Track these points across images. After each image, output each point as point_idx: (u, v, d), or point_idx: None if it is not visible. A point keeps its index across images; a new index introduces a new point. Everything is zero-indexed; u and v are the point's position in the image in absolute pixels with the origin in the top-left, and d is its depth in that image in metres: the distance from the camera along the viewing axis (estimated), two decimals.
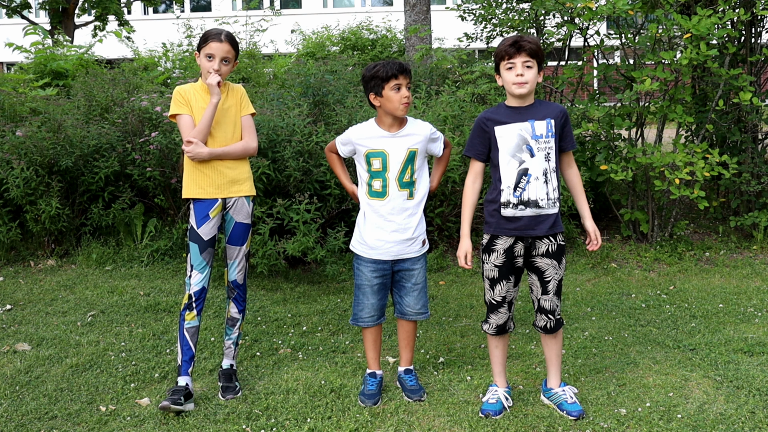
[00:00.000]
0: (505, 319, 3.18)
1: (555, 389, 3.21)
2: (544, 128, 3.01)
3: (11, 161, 5.51)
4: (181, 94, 3.32)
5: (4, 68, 21.14)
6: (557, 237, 3.09)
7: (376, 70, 3.14)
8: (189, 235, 3.32)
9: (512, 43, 2.97)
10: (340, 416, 3.16)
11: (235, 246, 3.40)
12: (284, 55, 12.28)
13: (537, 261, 3.09)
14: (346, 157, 3.37)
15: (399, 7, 21.34)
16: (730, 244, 5.79)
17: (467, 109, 5.70)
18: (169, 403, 3.12)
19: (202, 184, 3.29)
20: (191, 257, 3.31)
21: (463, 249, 3.13)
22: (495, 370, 3.27)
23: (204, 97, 3.32)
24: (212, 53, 3.26)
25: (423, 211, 3.29)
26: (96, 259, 5.64)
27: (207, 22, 12.01)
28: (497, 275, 3.11)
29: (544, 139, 3.00)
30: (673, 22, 5.07)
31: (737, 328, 4.09)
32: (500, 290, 3.13)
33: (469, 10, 8.13)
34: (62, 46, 9.06)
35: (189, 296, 3.32)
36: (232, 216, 3.37)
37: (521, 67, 2.97)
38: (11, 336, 4.20)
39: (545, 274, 3.10)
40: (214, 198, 3.31)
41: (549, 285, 3.11)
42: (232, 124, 3.37)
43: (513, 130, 3.01)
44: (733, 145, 6.08)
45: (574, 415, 3.07)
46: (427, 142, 3.26)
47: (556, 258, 3.09)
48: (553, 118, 3.02)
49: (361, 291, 3.31)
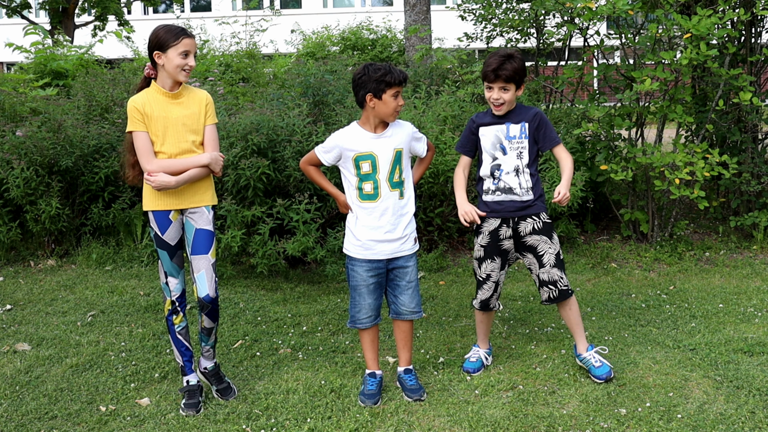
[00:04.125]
0: (488, 296, 3.54)
1: (583, 354, 3.49)
2: (518, 131, 3.42)
3: (11, 161, 5.51)
4: (137, 108, 3.12)
5: (4, 68, 21.14)
6: (540, 216, 3.44)
7: (382, 74, 3.11)
8: (156, 244, 3.25)
9: (493, 69, 3.29)
10: (340, 416, 3.16)
11: (200, 255, 3.22)
12: (284, 55, 12.28)
13: (527, 240, 3.44)
14: (330, 165, 3.30)
15: (399, 7, 21.34)
16: (730, 244, 5.79)
17: (467, 109, 5.70)
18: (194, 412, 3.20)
19: (160, 195, 3.19)
20: (163, 265, 3.27)
21: (462, 208, 3.41)
22: (479, 336, 3.71)
23: (162, 103, 3.15)
24: (188, 50, 3.12)
25: (413, 209, 3.33)
26: (96, 259, 5.64)
27: (207, 22, 12.02)
28: (483, 254, 3.50)
29: (517, 140, 3.41)
30: (673, 22, 5.07)
31: (737, 328, 4.09)
32: (485, 268, 3.50)
33: (469, 10, 8.12)
34: (62, 46, 9.06)
35: (171, 302, 3.29)
36: (191, 223, 3.24)
37: (498, 91, 3.34)
38: (11, 336, 4.20)
39: (538, 249, 3.43)
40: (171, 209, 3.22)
41: (544, 258, 3.42)
42: (192, 133, 3.20)
43: (491, 131, 3.44)
44: (733, 145, 6.08)
45: (601, 379, 3.36)
46: (410, 140, 3.29)
47: (544, 233, 3.43)
48: (527, 122, 3.41)
49: (357, 292, 3.31)
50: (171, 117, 3.16)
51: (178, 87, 3.20)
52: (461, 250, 5.83)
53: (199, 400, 3.25)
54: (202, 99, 3.26)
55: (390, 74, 3.11)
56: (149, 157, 3.14)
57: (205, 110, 3.25)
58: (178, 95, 3.20)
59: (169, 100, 3.18)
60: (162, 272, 3.29)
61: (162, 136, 3.16)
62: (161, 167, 3.14)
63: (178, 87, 3.21)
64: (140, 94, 3.19)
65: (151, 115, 3.13)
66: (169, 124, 3.16)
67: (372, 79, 3.13)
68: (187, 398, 3.26)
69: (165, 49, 3.11)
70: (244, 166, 4.80)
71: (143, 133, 3.14)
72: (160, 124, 3.15)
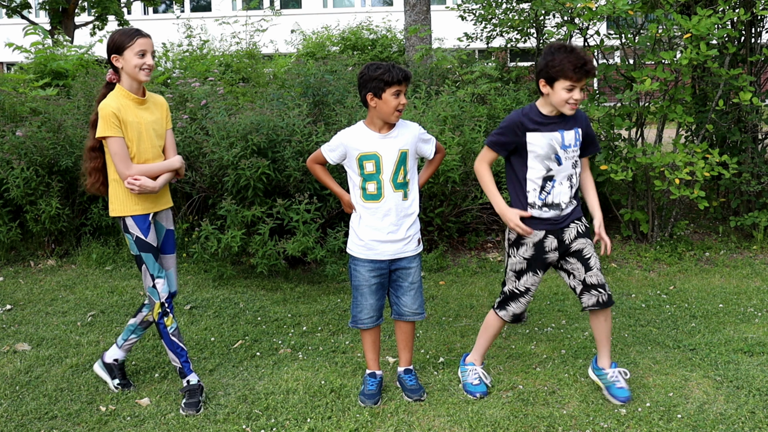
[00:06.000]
0: (523, 309, 3.29)
1: (606, 369, 3.27)
2: (572, 138, 3.11)
3: (11, 161, 5.51)
4: (115, 113, 3.11)
5: (4, 68, 21.14)
6: (582, 219, 3.23)
7: (381, 73, 3.10)
8: (139, 248, 3.24)
9: (581, 66, 2.94)
10: (340, 416, 3.16)
11: (169, 254, 3.39)
12: (284, 55, 12.27)
13: (573, 245, 3.18)
14: (335, 163, 3.31)
15: (399, 7, 21.34)
16: (730, 244, 5.79)
17: (467, 109, 5.70)
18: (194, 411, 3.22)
19: (139, 200, 3.22)
20: (149, 267, 3.26)
21: (509, 218, 3.13)
22: (481, 350, 3.44)
23: (133, 108, 3.18)
24: (144, 49, 3.15)
25: (417, 211, 3.30)
26: (96, 259, 5.64)
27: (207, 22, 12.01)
28: (525, 267, 3.22)
29: (573, 148, 3.12)
30: (673, 22, 5.07)
31: (737, 328, 4.09)
32: (526, 281, 3.24)
33: (469, 10, 8.13)
34: (62, 46, 9.05)
35: (161, 304, 3.29)
36: (162, 224, 3.34)
37: (579, 92, 3.00)
38: (11, 336, 4.20)
39: (584, 252, 3.18)
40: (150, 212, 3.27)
41: (591, 261, 3.18)
42: (161, 138, 3.30)
43: (544, 139, 3.09)
44: (733, 145, 6.08)
45: (621, 400, 3.17)
46: (416, 142, 3.25)
47: (587, 236, 3.21)
48: (580, 128, 3.14)
49: (360, 292, 3.31)
50: (143, 122, 3.22)
51: (143, 91, 3.25)
52: (461, 250, 5.84)
53: (199, 400, 3.26)
54: (163, 104, 3.36)
55: (389, 73, 3.10)
56: (128, 163, 3.16)
57: (166, 115, 3.36)
58: (145, 101, 3.25)
59: (137, 105, 3.23)
60: (147, 276, 3.27)
61: (137, 141, 3.19)
62: (141, 172, 3.19)
63: (143, 91, 3.25)
64: (112, 99, 3.17)
65: (125, 120, 3.15)
66: (142, 129, 3.21)
67: (372, 78, 3.12)
68: (188, 398, 3.26)
69: (122, 51, 3.16)
70: (244, 166, 4.80)
71: (120, 138, 3.14)
72: (134, 129, 3.18)
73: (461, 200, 5.61)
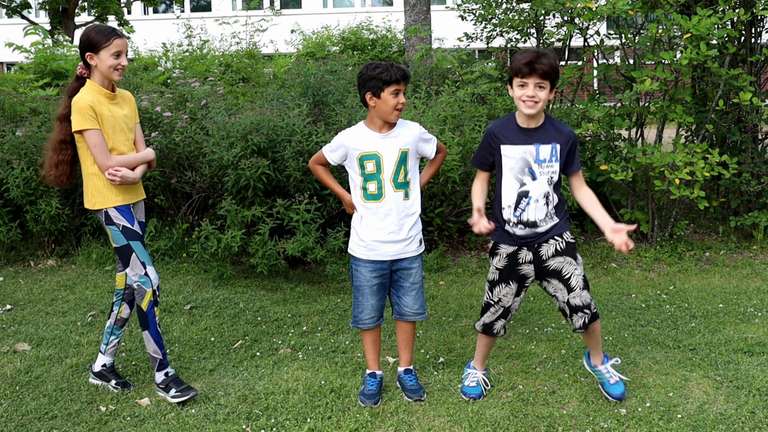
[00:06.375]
0: (493, 320, 3.23)
1: (599, 367, 3.29)
2: (548, 153, 3.01)
3: (11, 161, 5.51)
4: (92, 107, 3.14)
5: (4, 68, 21.14)
6: (563, 235, 3.09)
7: (379, 72, 3.10)
8: (127, 237, 3.25)
9: (527, 63, 2.90)
10: (340, 416, 3.16)
11: None
12: (284, 55, 12.27)
13: (550, 263, 3.08)
14: (336, 164, 3.31)
15: (399, 7, 21.35)
16: (730, 244, 5.79)
17: (467, 109, 5.70)
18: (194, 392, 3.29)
19: (120, 191, 3.26)
20: (139, 255, 3.27)
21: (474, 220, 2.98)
22: (478, 357, 3.42)
23: (106, 103, 3.22)
24: (120, 50, 3.18)
25: (419, 211, 3.29)
26: (96, 259, 5.64)
27: (207, 22, 12.02)
28: (497, 278, 3.17)
29: (547, 163, 3.01)
30: (673, 22, 5.07)
31: (737, 328, 4.09)
32: (498, 292, 3.18)
33: (469, 10, 8.13)
34: (62, 46, 9.05)
35: (153, 292, 3.29)
36: (136, 216, 3.38)
37: (533, 88, 2.93)
38: (11, 336, 4.20)
39: (563, 272, 3.07)
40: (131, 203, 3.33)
41: (571, 281, 3.05)
42: (132, 132, 3.36)
43: (517, 152, 3.02)
44: (733, 145, 6.08)
45: (615, 397, 3.19)
46: (417, 142, 3.24)
47: (569, 254, 3.07)
48: (558, 143, 3.02)
49: (361, 292, 3.30)
50: (117, 116, 3.26)
51: (112, 86, 3.28)
52: (461, 250, 5.84)
53: (188, 385, 3.33)
54: (132, 99, 3.42)
55: (387, 72, 3.10)
56: (107, 154, 3.20)
57: (135, 109, 3.42)
58: (115, 96, 3.29)
59: (109, 100, 3.26)
60: (138, 265, 3.27)
61: (112, 134, 3.23)
62: (121, 162, 3.24)
63: (113, 87, 3.29)
64: (86, 93, 3.20)
65: (101, 114, 3.19)
66: (116, 123, 3.25)
67: (371, 77, 3.12)
68: (177, 385, 3.30)
69: (97, 50, 3.18)
70: (244, 166, 4.80)
71: (98, 130, 3.18)
72: (109, 123, 3.22)
73: (461, 200, 5.61)
